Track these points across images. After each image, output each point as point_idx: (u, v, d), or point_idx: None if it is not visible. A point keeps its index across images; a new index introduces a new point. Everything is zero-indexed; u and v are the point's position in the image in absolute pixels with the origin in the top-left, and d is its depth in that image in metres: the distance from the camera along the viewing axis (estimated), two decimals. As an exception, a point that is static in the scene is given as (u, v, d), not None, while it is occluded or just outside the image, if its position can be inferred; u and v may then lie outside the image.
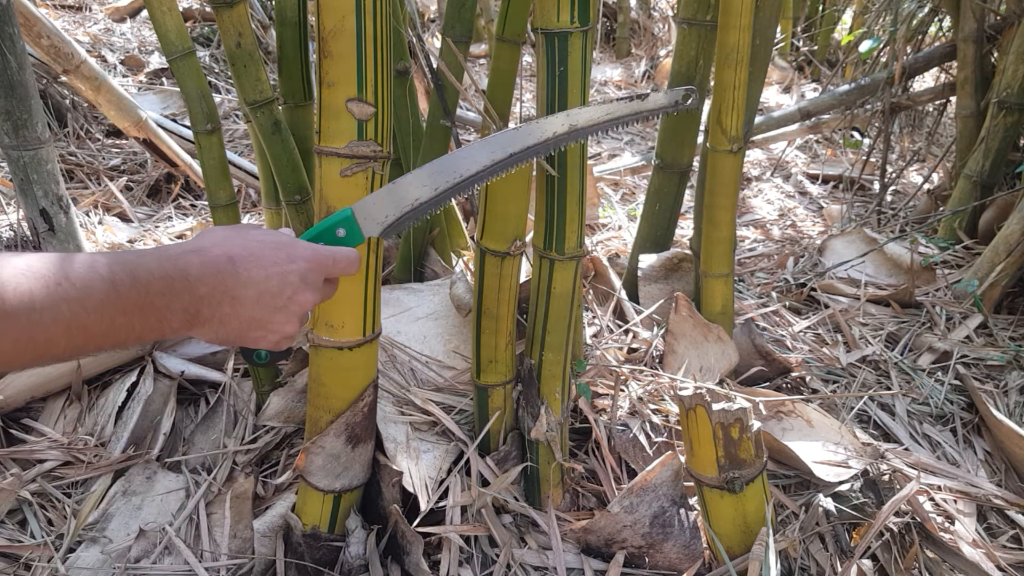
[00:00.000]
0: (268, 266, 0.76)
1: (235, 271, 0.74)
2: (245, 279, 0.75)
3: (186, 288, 0.71)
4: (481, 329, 1.25)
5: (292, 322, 0.79)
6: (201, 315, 0.73)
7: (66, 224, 2.02)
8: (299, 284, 0.79)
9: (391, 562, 1.26)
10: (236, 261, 0.75)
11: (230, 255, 0.75)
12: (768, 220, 3.02)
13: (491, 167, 0.90)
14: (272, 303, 0.77)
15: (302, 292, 0.79)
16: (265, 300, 0.76)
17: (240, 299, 0.75)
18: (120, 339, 0.67)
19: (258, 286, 0.75)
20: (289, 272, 0.78)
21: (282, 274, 0.77)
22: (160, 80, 3.78)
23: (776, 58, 4.69)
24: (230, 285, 0.74)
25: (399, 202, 0.88)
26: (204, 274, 0.72)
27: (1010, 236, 2.05)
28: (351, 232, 0.87)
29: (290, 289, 0.78)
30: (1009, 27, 2.46)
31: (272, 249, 0.78)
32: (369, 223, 0.87)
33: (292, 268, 0.78)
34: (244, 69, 1.58)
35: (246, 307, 0.75)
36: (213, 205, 1.53)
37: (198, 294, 0.72)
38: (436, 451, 1.31)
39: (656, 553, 1.26)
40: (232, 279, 0.74)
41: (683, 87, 0.93)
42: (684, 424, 1.16)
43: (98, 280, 0.65)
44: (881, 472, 1.44)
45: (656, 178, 1.90)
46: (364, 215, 0.87)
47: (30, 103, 1.88)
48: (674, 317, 1.66)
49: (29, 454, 1.51)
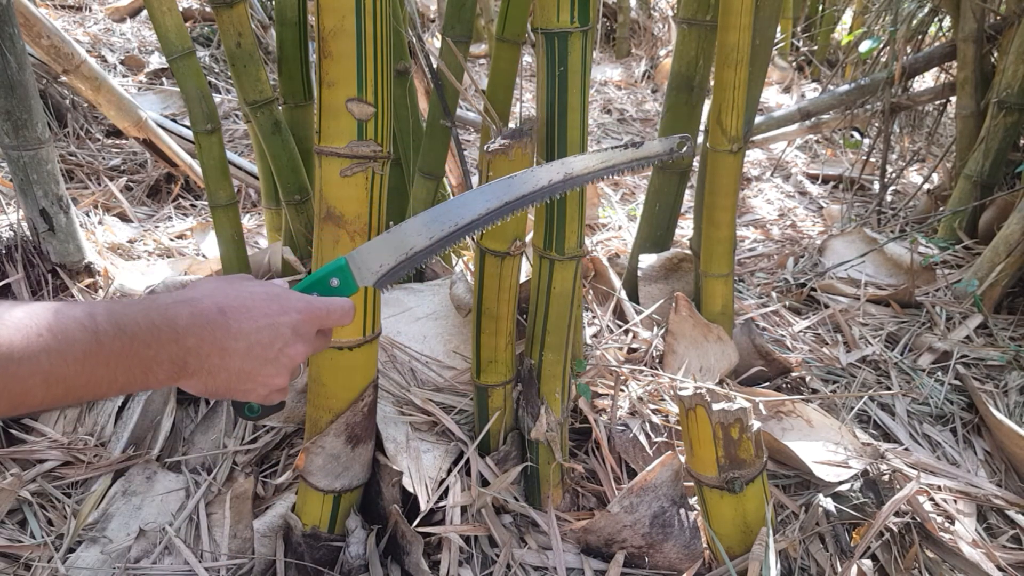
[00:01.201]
0: (259, 318, 0.75)
1: (225, 322, 0.73)
2: (235, 331, 0.73)
3: (173, 339, 0.69)
4: (481, 329, 1.25)
5: (282, 375, 0.78)
6: (189, 367, 0.71)
7: (66, 224, 2.02)
8: (291, 336, 0.77)
9: (391, 562, 1.26)
10: (227, 312, 0.73)
11: (221, 306, 0.73)
12: (768, 220, 3.02)
13: (487, 215, 0.90)
14: (263, 355, 0.75)
15: (293, 344, 0.77)
16: (255, 352, 0.74)
17: (230, 351, 0.73)
18: (103, 390, 0.66)
19: (248, 338, 0.74)
20: (281, 324, 0.76)
21: (273, 326, 0.76)
22: (160, 80, 3.78)
23: (776, 58, 4.69)
24: (219, 336, 0.72)
25: (394, 251, 0.87)
26: (193, 325, 0.71)
27: (1010, 236, 2.05)
28: (345, 282, 0.85)
29: (281, 341, 0.76)
30: (1009, 27, 2.46)
31: (264, 301, 0.76)
32: (363, 272, 0.86)
33: (284, 320, 0.77)
34: (244, 69, 1.58)
35: (236, 359, 0.73)
36: (213, 205, 1.53)
37: (186, 345, 0.70)
38: (436, 451, 1.31)
39: (656, 553, 1.26)
40: (222, 331, 0.72)
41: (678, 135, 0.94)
42: (684, 424, 1.16)
43: (79, 331, 0.63)
44: (881, 472, 1.44)
45: (656, 178, 1.90)
46: (358, 265, 0.85)
47: (30, 103, 1.88)
48: (674, 317, 1.66)
49: (29, 454, 1.51)
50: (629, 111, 4.47)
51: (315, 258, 1.11)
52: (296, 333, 0.77)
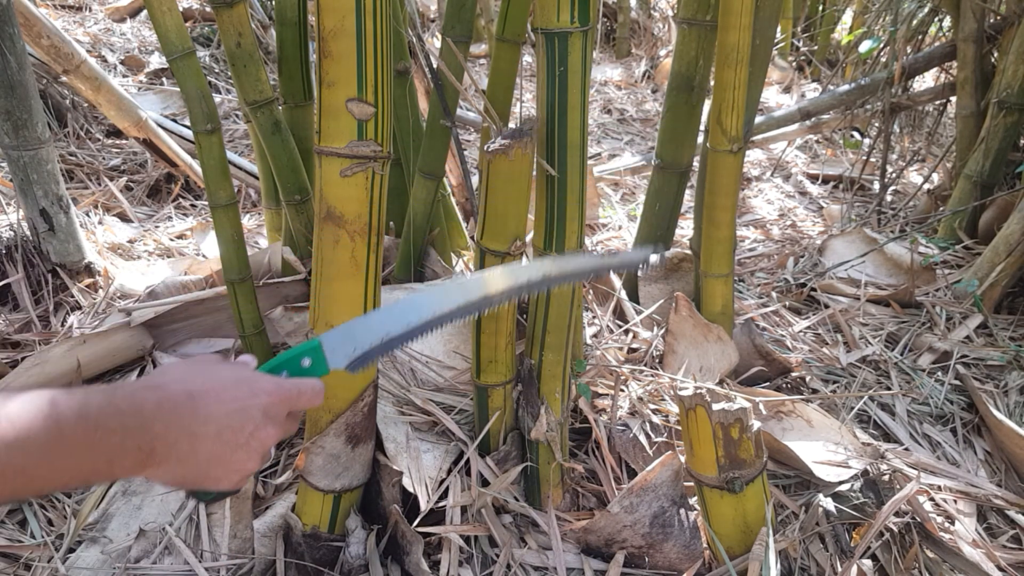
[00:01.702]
0: (229, 401, 0.73)
1: (194, 407, 0.71)
2: (204, 415, 0.71)
3: (140, 425, 0.66)
4: (481, 329, 1.25)
5: (253, 460, 0.75)
6: (156, 454, 0.68)
7: (66, 224, 2.02)
8: (261, 419, 0.75)
9: (391, 562, 1.26)
10: (195, 397, 0.71)
11: (189, 391, 0.71)
12: (768, 220, 3.02)
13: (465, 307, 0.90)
14: (233, 440, 0.73)
15: (264, 428, 0.75)
16: (226, 437, 0.72)
17: (199, 436, 0.70)
18: (65, 481, 0.63)
19: (219, 422, 0.72)
20: (251, 407, 0.74)
21: (244, 410, 0.74)
22: (160, 80, 3.78)
23: (776, 58, 4.69)
24: (188, 422, 0.70)
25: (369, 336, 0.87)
26: (160, 410, 0.68)
27: (1010, 236, 2.05)
28: (317, 363, 0.84)
29: (252, 425, 0.74)
30: (1009, 27, 2.46)
31: (233, 384, 0.75)
32: (336, 355, 0.85)
33: (254, 403, 0.75)
34: (244, 69, 1.58)
35: (206, 445, 0.71)
36: (213, 205, 1.53)
37: (153, 431, 0.67)
38: (436, 451, 1.31)
39: (656, 553, 1.26)
40: (190, 415, 0.70)
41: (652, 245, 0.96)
42: (684, 424, 1.16)
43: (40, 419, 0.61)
44: (881, 472, 1.44)
45: (656, 178, 1.90)
46: (332, 348, 0.85)
47: (30, 103, 1.88)
48: (674, 317, 1.66)
49: (29, 454, 1.50)
50: (629, 111, 4.47)
51: (315, 258, 1.11)
52: (267, 416, 0.76)
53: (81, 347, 1.63)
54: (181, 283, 1.86)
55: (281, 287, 1.79)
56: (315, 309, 1.13)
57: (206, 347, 1.76)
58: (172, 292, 1.83)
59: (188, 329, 1.77)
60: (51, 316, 1.96)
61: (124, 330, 1.69)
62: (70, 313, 1.97)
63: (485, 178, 1.12)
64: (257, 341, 1.59)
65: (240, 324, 1.57)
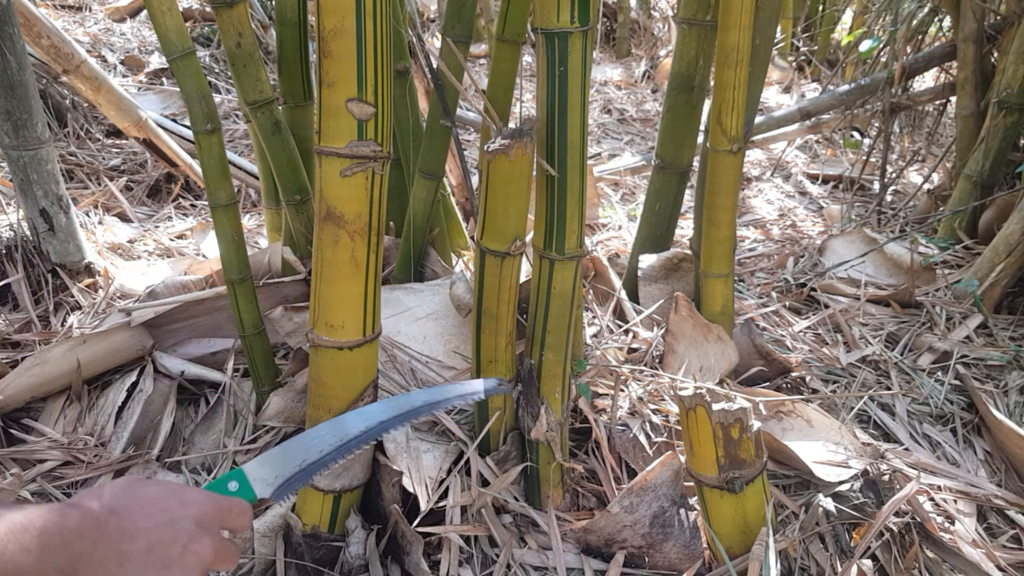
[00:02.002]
0: (156, 514, 0.69)
1: (119, 523, 0.66)
2: (131, 530, 0.66)
3: (61, 544, 0.62)
4: (481, 329, 1.25)
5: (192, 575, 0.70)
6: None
7: (66, 224, 2.02)
8: (194, 530, 0.70)
9: (391, 562, 1.26)
10: (119, 512, 0.67)
11: (112, 507, 0.67)
12: (768, 220, 3.02)
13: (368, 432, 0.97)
14: (166, 555, 0.68)
15: (198, 539, 0.70)
16: (157, 553, 0.67)
17: (127, 554, 0.65)
18: None
19: (147, 536, 0.67)
20: (181, 518, 0.70)
21: (173, 521, 0.69)
22: (160, 80, 3.78)
23: (776, 58, 4.69)
24: (114, 539, 0.65)
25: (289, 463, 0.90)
26: (83, 527, 0.64)
27: (1010, 236, 2.05)
28: (243, 489, 0.85)
29: (184, 536, 0.69)
30: (1009, 27, 2.46)
31: (160, 497, 0.71)
32: (259, 484, 0.86)
33: (184, 513, 0.71)
34: (244, 69, 1.58)
35: (135, 564, 0.66)
36: (213, 205, 1.53)
37: (75, 551, 0.63)
38: (436, 451, 1.31)
39: (656, 553, 1.26)
40: (116, 531, 0.66)
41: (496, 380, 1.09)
42: (684, 424, 1.16)
43: None
44: (881, 472, 1.44)
45: (656, 178, 1.90)
46: (255, 477, 0.86)
47: (30, 103, 1.88)
48: (674, 317, 1.66)
49: (29, 454, 1.51)
50: (629, 111, 4.47)
51: (315, 258, 1.11)
52: (200, 526, 0.71)
53: (81, 347, 1.63)
54: (181, 283, 1.86)
55: (281, 287, 1.79)
56: (315, 309, 1.13)
57: (206, 347, 1.76)
58: (172, 292, 1.83)
59: (188, 329, 1.77)
60: (51, 316, 1.96)
61: (124, 330, 1.69)
62: (70, 313, 1.97)
63: (485, 178, 1.12)
64: (257, 341, 1.59)
65: (240, 324, 1.57)
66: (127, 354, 1.69)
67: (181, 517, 0.71)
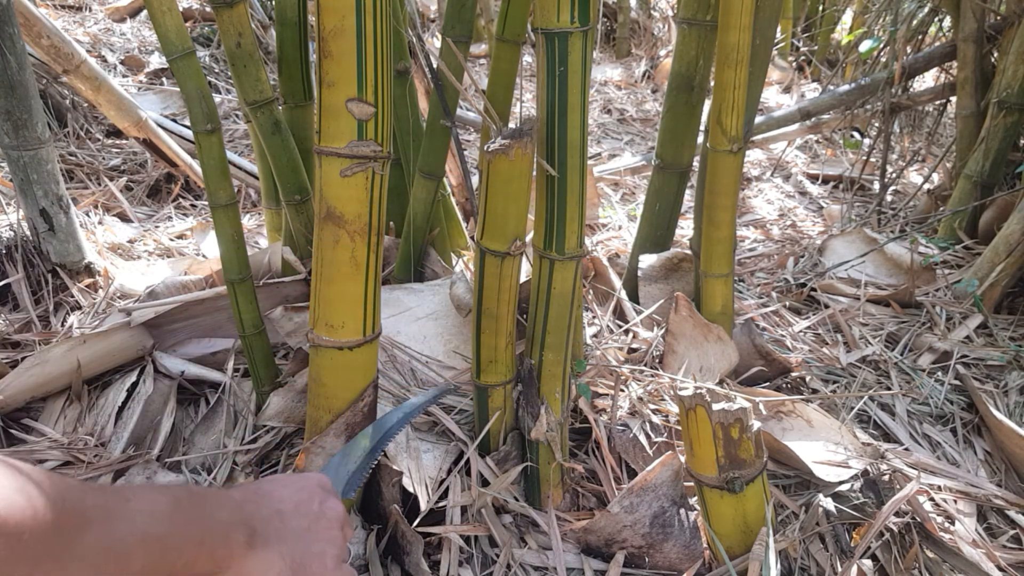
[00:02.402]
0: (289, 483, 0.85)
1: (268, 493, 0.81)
2: (278, 496, 0.81)
3: (235, 506, 0.75)
4: (481, 329, 1.25)
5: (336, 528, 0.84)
6: (258, 531, 0.75)
7: (66, 224, 2.02)
8: (322, 492, 0.86)
9: (391, 562, 1.26)
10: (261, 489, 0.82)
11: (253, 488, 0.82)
12: (768, 220, 3.02)
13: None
14: (310, 511, 0.82)
15: (328, 498, 0.86)
16: (303, 509, 0.82)
17: (284, 512, 0.80)
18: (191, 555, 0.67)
19: (291, 499, 0.82)
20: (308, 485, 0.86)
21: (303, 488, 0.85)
22: (160, 80, 3.78)
23: (776, 58, 4.69)
24: (268, 502, 0.79)
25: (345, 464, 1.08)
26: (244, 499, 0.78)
27: (1010, 236, 2.05)
28: None
29: (317, 497, 0.85)
30: (1009, 27, 2.46)
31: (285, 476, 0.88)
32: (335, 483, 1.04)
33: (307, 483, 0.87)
34: (244, 69, 1.58)
35: (292, 518, 0.80)
36: (213, 205, 1.53)
37: (247, 511, 0.76)
38: (436, 451, 1.31)
39: (656, 553, 1.26)
40: (267, 498, 0.80)
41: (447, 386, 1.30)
42: (684, 424, 1.16)
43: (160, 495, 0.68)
44: (881, 472, 1.44)
45: (656, 178, 1.90)
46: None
47: (30, 103, 1.88)
48: (674, 317, 1.66)
49: (29, 454, 1.51)
50: (629, 111, 4.47)
51: (315, 258, 1.11)
52: (324, 489, 0.87)
53: (81, 347, 1.63)
54: (181, 283, 1.86)
55: (281, 287, 1.79)
56: (315, 309, 1.13)
57: (206, 347, 1.76)
58: (172, 292, 1.83)
59: (188, 329, 1.77)
60: (51, 316, 1.96)
61: (124, 330, 1.69)
62: (70, 313, 1.97)
63: (485, 178, 1.12)
64: (257, 341, 1.59)
65: (240, 324, 1.57)
66: (127, 354, 1.69)
67: (308, 485, 0.87)
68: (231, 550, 0.71)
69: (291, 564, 0.77)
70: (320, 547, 0.81)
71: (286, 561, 0.76)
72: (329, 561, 0.81)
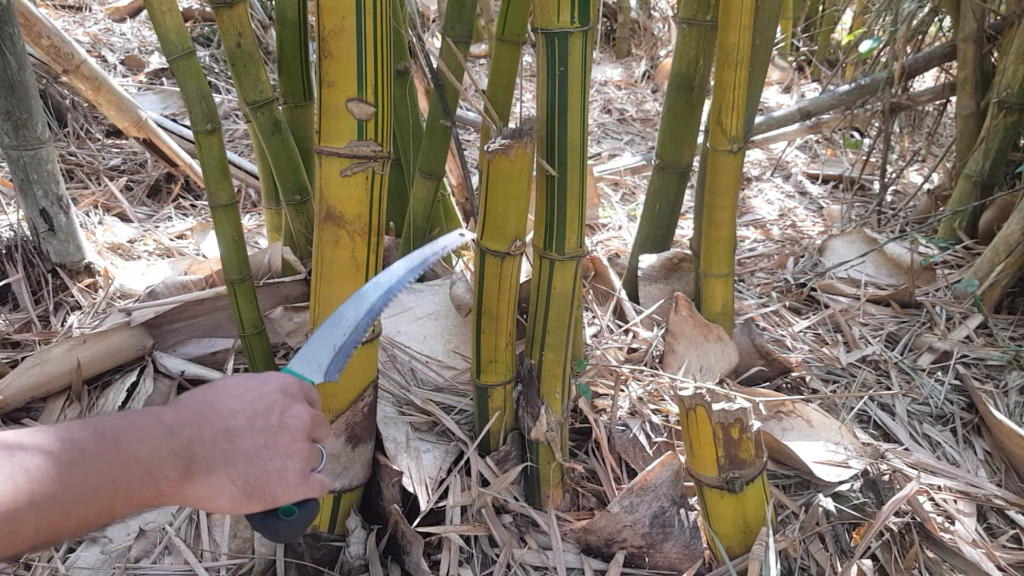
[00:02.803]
0: (244, 393, 0.73)
1: (214, 408, 0.70)
2: (228, 411, 0.70)
3: (167, 433, 0.65)
4: (481, 329, 1.25)
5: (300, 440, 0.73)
6: (198, 458, 0.65)
7: (66, 224, 2.02)
8: (283, 399, 0.74)
9: (391, 562, 1.26)
10: (209, 400, 0.71)
11: (202, 399, 0.71)
12: (768, 220, 3.02)
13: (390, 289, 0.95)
14: (267, 424, 0.71)
15: (292, 405, 0.74)
16: (259, 423, 0.71)
17: (234, 430, 0.69)
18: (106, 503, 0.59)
19: (245, 411, 0.71)
20: (267, 392, 0.74)
21: (263, 395, 0.73)
22: (160, 80, 3.78)
23: (776, 58, 4.69)
24: (215, 420, 0.69)
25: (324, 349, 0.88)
26: (181, 419, 0.67)
27: (1010, 236, 2.05)
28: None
29: (278, 406, 0.73)
30: (1009, 27, 2.46)
31: (240, 381, 0.75)
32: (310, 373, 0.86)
33: (268, 388, 0.75)
34: (244, 69, 1.58)
35: (244, 437, 0.69)
36: (213, 205, 1.53)
37: (185, 436, 0.65)
38: (436, 451, 1.31)
39: (656, 553, 1.26)
40: (215, 414, 0.69)
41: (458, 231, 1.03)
42: (684, 424, 1.16)
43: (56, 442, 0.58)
44: (881, 472, 1.44)
45: (656, 178, 1.90)
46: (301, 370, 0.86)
47: (30, 103, 1.88)
48: (674, 317, 1.66)
49: (29, 454, 1.50)
50: (629, 111, 4.47)
51: (315, 258, 1.11)
52: (286, 394, 0.75)
53: (81, 347, 1.63)
54: (181, 283, 1.86)
55: (281, 287, 1.79)
56: (315, 309, 1.13)
57: (206, 347, 1.76)
58: (172, 292, 1.83)
59: (188, 329, 1.77)
60: (51, 316, 1.96)
61: (124, 330, 1.69)
62: (70, 313, 1.97)
63: (485, 178, 1.12)
64: (257, 341, 1.59)
65: (240, 324, 1.57)
66: (127, 354, 1.69)
67: (267, 391, 0.74)
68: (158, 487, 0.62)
69: (244, 487, 0.68)
70: (280, 463, 0.71)
71: (238, 485, 0.68)
72: (291, 476, 0.71)
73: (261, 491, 0.70)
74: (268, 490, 0.70)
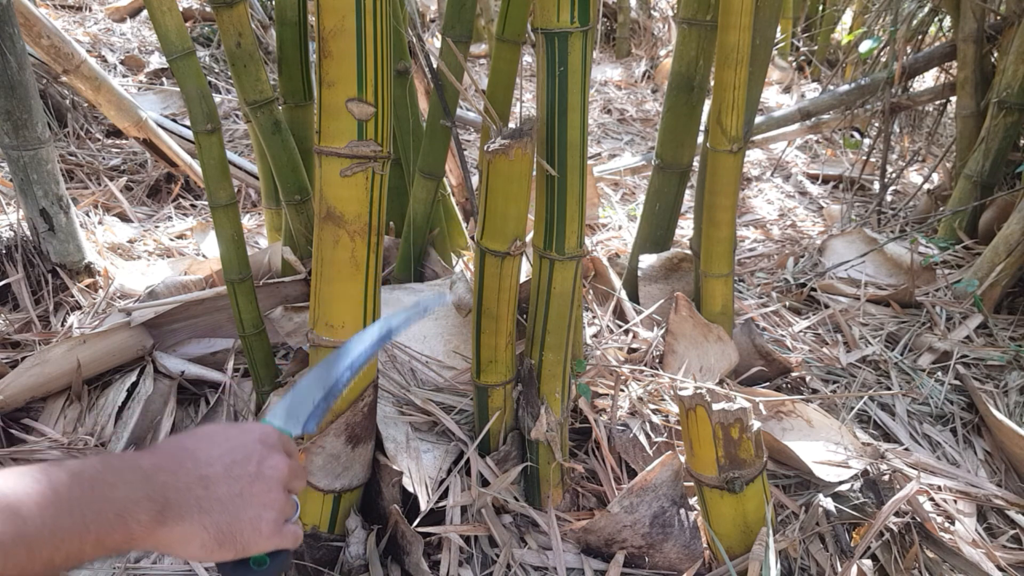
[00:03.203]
0: (222, 442, 0.73)
1: (192, 454, 0.70)
2: (206, 458, 0.70)
3: (142, 478, 0.65)
4: (481, 329, 1.25)
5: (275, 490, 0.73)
6: (172, 503, 0.65)
7: (66, 224, 2.02)
8: (262, 449, 0.74)
9: (391, 562, 1.26)
10: (187, 447, 0.71)
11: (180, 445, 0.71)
12: (768, 220, 3.02)
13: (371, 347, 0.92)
14: (244, 471, 0.71)
15: (270, 456, 0.74)
16: (236, 471, 0.71)
17: (210, 477, 0.69)
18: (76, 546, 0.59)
19: (222, 459, 0.71)
20: (246, 441, 0.74)
21: (242, 444, 0.73)
22: (160, 80, 3.78)
23: (776, 58, 4.69)
24: (191, 467, 0.69)
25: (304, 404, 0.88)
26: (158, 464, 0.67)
27: (1010, 236, 2.05)
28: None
29: (256, 455, 0.73)
30: (1009, 27, 2.46)
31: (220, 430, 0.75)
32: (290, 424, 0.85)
33: (248, 438, 0.74)
34: (244, 69, 1.58)
35: (220, 484, 0.69)
36: (213, 205, 1.53)
37: (159, 481, 0.66)
38: (436, 451, 1.31)
39: (656, 553, 1.26)
40: (191, 461, 0.69)
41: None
42: (684, 424, 1.16)
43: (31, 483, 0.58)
44: (881, 472, 1.43)
45: (656, 178, 1.90)
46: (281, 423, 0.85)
47: (30, 103, 1.88)
48: (674, 317, 1.66)
49: (29, 454, 1.51)
50: (629, 111, 4.47)
51: (315, 258, 1.11)
52: (265, 444, 0.75)
53: (81, 347, 1.63)
54: (181, 283, 1.86)
55: (281, 287, 1.79)
56: (315, 309, 1.13)
57: (206, 347, 1.76)
58: (172, 292, 1.83)
59: (188, 329, 1.77)
60: (51, 316, 1.96)
61: (124, 330, 1.69)
62: (70, 313, 1.97)
63: (485, 178, 1.12)
64: (257, 341, 1.59)
65: (240, 324, 1.57)
66: (127, 354, 1.69)
67: (246, 441, 0.74)
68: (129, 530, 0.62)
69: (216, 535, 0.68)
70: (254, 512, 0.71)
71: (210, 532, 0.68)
72: (264, 526, 0.71)
73: (233, 539, 0.69)
74: (240, 538, 0.70)
